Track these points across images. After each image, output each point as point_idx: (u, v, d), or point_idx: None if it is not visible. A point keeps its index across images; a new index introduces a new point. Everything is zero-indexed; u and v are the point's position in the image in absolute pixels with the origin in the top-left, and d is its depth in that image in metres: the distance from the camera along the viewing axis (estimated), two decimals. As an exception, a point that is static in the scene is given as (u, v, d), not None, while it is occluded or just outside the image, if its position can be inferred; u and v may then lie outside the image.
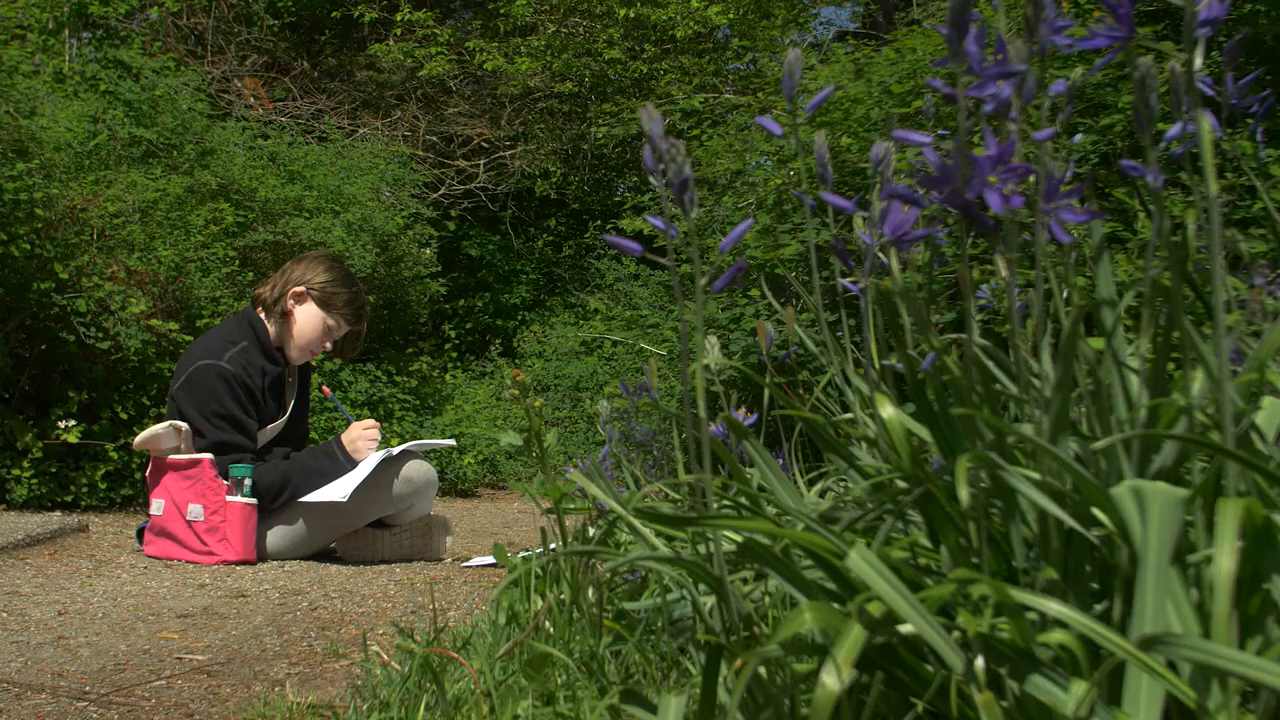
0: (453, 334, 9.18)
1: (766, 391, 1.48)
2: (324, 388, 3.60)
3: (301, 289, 3.16)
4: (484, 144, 10.07)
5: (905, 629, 0.91)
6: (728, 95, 6.23)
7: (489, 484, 6.82)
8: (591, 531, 1.68)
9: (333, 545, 3.23)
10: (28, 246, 4.05)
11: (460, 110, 10.09)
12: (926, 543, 1.16)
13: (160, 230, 4.90)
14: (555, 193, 10.24)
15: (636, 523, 1.06)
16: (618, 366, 8.10)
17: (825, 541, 0.94)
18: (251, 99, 9.02)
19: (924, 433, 1.16)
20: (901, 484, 1.09)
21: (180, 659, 1.82)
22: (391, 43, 9.60)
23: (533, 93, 9.98)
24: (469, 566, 3.03)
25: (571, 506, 1.70)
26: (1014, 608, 0.88)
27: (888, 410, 1.04)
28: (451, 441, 3.55)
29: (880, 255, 1.42)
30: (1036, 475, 0.98)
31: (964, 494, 0.87)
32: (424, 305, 7.87)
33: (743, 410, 1.42)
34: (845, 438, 1.36)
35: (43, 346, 4.29)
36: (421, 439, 5.11)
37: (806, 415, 1.24)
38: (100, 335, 4.20)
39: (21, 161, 4.07)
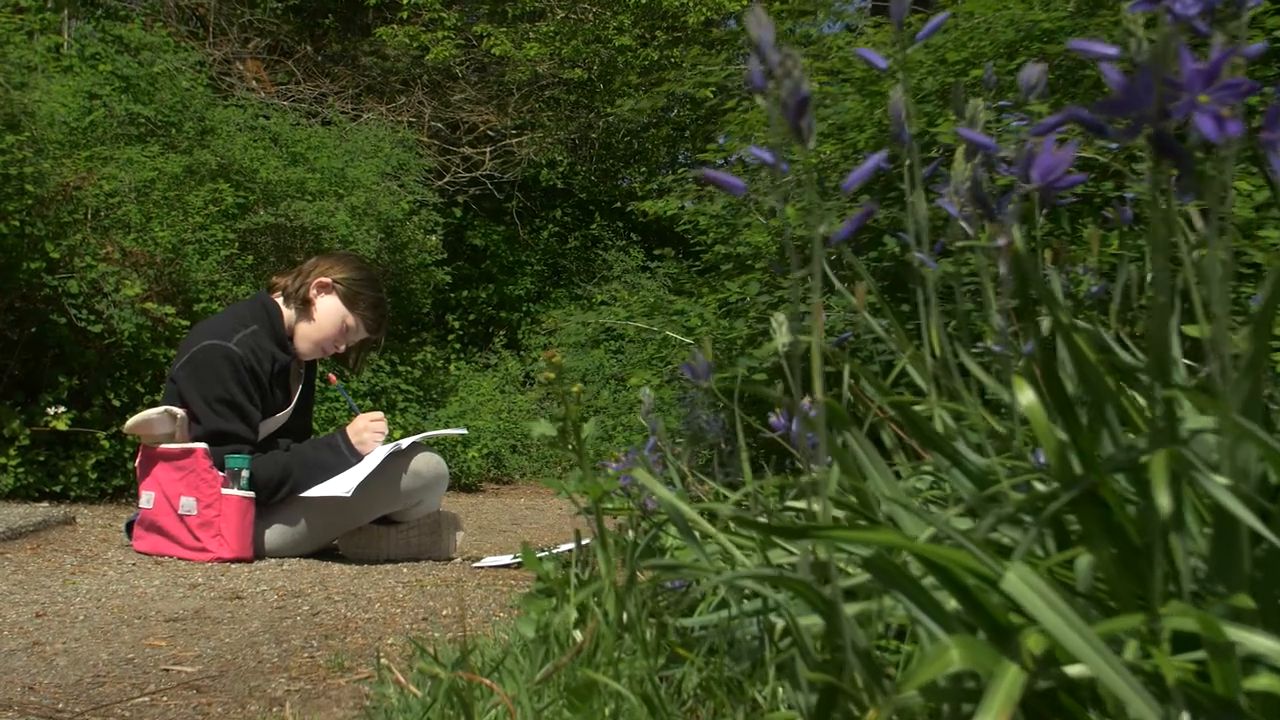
0: (456, 325, 8.99)
1: (846, 375, 1.29)
2: (329, 376, 3.41)
3: (328, 280, 2.98)
4: (490, 132, 9.85)
5: (1074, 670, 0.73)
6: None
7: (493, 479, 6.64)
8: (632, 534, 1.49)
9: (335, 542, 3.03)
10: (17, 224, 3.85)
11: (466, 97, 9.87)
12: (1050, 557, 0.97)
13: (157, 210, 4.70)
14: (561, 182, 10.03)
15: (718, 534, 0.87)
16: (625, 360, 7.90)
17: (969, 559, 0.75)
18: (254, 82, 8.81)
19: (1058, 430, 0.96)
20: (1041, 486, 0.90)
21: (167, 671, 1.63)
22: (397, 27, 9.38)
23: (540, 79, 9.77)
24: (481, 567, 2.83)
25: (610, 506, 1.51)
26: (1223, 647, 0.69)
27: (1027, 396, 0.85)
28: (462, 430, 3.36)
29: (963, 224, 1.23)
30: (1223, 479, 0.79)
31: (1164, 500, 0.68)
32: (428, 294, 7.67)
33: (807, 399, 1.23)
34: (944, 432, 1.17)
35: (32, 329, 4.10)
36: (426, 431, 4.91)
37: (907, 400, 1.05)
38: (93, 318, 4.01)
39: (11, 134, 3.87)
